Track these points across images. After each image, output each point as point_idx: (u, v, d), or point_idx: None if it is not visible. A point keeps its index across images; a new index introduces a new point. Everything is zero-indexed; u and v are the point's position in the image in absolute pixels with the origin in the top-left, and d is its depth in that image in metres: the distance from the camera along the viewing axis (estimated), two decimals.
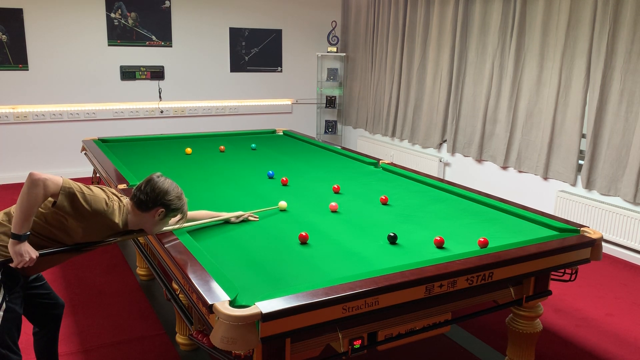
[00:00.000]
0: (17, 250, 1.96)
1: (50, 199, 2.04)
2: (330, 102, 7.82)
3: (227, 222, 2.69)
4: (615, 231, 4.47)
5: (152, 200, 2.16)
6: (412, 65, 6.58)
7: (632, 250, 4.44)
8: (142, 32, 6.66)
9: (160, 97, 6.91)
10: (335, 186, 3.34)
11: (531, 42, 5.08)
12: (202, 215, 2.63)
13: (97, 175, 4.25)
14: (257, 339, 1.72)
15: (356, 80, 7.67)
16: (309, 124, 7.91)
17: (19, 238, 1.96)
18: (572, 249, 2.43)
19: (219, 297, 1.82)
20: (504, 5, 5.32)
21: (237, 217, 2.71)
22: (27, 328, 2.53)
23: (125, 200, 2.25)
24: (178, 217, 2.32)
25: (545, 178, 5.08)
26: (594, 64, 4.53)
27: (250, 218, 2.75)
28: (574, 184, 4.82)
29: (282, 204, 2.94)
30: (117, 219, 2.15)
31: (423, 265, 2.11)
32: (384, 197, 3.12)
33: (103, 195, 2.13)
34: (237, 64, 7.29)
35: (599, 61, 4.47)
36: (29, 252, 1.99)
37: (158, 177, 2.21)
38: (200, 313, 1.99)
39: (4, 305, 2.06)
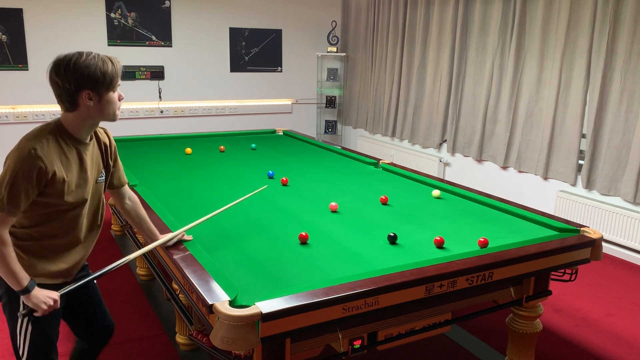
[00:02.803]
0: (33, 303, 1.77)
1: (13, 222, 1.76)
2: (330, 102, 7.82)
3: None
4: (615, 231, 4.47)
5: (67, 90, 1.75)
6: (412, 65, 6.58)
7: (632, 250, 4.44)
8: (142, 32, 6.66)
9: (160, 97, 6.91)
10: (383, 197, 3.13)
11: (531, 42, 5.08)
12: (146, 227, 2.24)
13: None
14: (257, 339, 1.72)
15: (356, 80, 7.67)
16: (309, 124, 7.91)
17: (25, 291, 1.76)
18: (572, 249, 2.43)
19: (219, 297, 1.82)
20: (504, 5, 5.32)
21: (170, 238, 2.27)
22: None
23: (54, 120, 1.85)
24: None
25: (545, 178, 5.09)
26: (594, 64, 4.53)
27: (185, 237, 2.33)
28: (574, 184, 4.82)
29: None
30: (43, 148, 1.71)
31: (423, 265, 2.11)
32: (384, 197, 3.12)
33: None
34: (237, 64, 7.29)
35: (599, 61, 4.47)
36: (46, 297, 1.79)
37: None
38: (200, 313, 1.99)
39: (29, 326, 1.85)
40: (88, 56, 1.73)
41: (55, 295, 1.81)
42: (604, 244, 4.38)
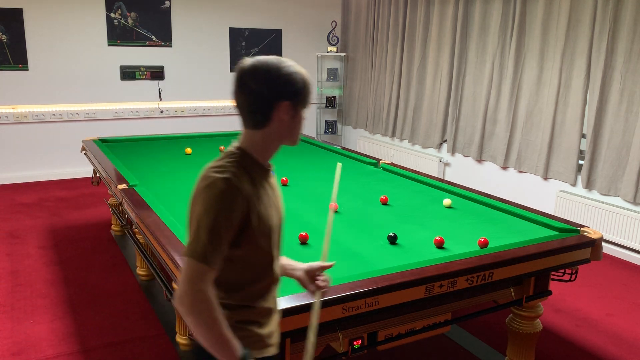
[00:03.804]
0: None
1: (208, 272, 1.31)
2: (330, 102, 7.82)
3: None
4: (615, 231, 4.47)
5: (265, 99, 1.38)
6: (412, 65, 6.57)
7: (632, 250, 4.44)
8: (142, 32, 6.66)
9: (160, 97, 6.91)
10: (383, 197, 3.14)
11: (531, 42, 5.08)
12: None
13: (97, 175, 4.25)
14: None
15: (356, 80, 7.67)
16: (309, 124, 7.91)
17: None
18: (572, 249, 2.43)
19: None
20: (504, 5, 5.32)
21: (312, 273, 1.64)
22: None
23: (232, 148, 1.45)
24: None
25: (545, 178, 5.08)
26: (594, 64, 4.53)
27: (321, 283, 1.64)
28: (574, 184, 4.82)
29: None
30: (243, 182, 1.36)
31: (423, 265, 2.11)
32: (384, 197, 3.12)
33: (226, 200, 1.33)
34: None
35: (599, 61, 4.47)
36: None
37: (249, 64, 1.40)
38: None
39: None
40: (287, 62, 1.42)
41: None
42: (604, 244, 4.38)
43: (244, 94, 1.39)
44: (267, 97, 1.38)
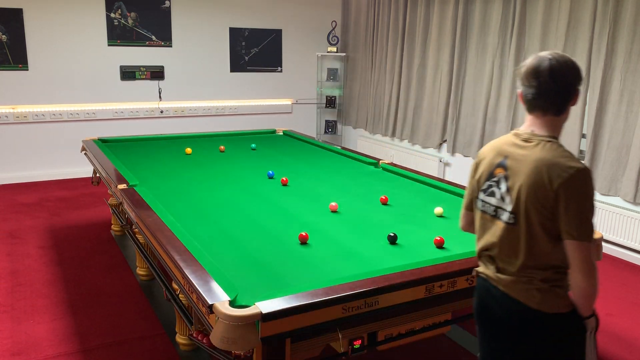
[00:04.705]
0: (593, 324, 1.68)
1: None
2: (330, 102, 7.82)
3: None
4: (615, 231, 4.47)
5: (573, 89, 1.62)
6: (412, 65, 6.57)
7: (632, 250, 4.44)
8: (142, 32, 6.66)
9: (160, 97, 6.91)
10: (383, 197, 3.15)
11: (531, 42, 5.08)
12: None
13: (97, 175, 4.25)
14: (257, 339, 1.72)
15: (356, 80, 7.67)
16: (309, 124, 7.91)
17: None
18: None
19: (219, 297, 1.82)
20: (504, 5, 5.32)
21: None
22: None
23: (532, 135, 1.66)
24: None
25: None
26: (594, 64, 4.53)
27: None
28: None
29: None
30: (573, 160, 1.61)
31: (423, 265, 2.11)
32: (384, 197, 3.12)
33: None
34: (237, 64, 7.29)
35: (599, 61, 4.47)
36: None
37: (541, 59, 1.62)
38: (200, 313, 1.99)
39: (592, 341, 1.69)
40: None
41: None
42: (604, 244, 4.38)
43: (556, 84, 1.59)
44: (576, 85, 1.62)
